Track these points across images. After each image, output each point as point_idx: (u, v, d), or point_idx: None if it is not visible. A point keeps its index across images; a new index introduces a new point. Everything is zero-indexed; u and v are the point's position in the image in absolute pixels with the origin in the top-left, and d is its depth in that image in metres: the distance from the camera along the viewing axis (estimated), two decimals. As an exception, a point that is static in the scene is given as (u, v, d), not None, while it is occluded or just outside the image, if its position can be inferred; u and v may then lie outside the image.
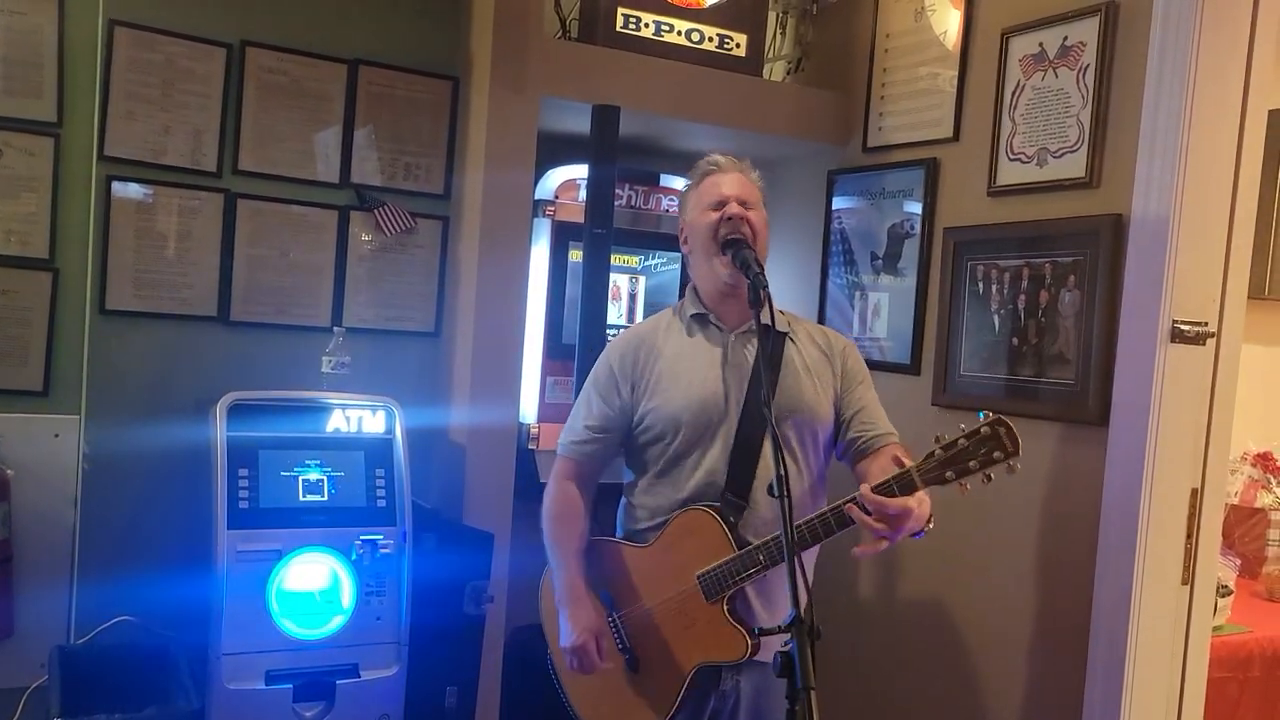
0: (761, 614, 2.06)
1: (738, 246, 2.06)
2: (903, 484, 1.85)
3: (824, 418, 2.14)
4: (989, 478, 1.84)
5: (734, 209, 2.10)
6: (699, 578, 2.03)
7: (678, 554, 2.07)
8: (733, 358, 2.13)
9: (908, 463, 1.88)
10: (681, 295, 3.26)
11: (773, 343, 2.08)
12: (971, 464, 1.82)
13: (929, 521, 1.90)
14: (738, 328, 2.15)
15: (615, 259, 3.01)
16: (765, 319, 1.95)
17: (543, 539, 2.24)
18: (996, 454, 1.82)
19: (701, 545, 2.04)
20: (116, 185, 2.81)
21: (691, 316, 2.19)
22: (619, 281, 3.24)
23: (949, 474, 1.83)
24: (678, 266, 3.32)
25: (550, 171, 3.13)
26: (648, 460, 2.17)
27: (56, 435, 2.79)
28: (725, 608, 2.02)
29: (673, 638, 2.08)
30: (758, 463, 2.07)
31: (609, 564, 2.19)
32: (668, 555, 2.09)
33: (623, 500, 2.27)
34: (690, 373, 2.13)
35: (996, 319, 2.74)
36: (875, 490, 1.85)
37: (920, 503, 1.86)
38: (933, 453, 1.85)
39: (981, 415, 1.85)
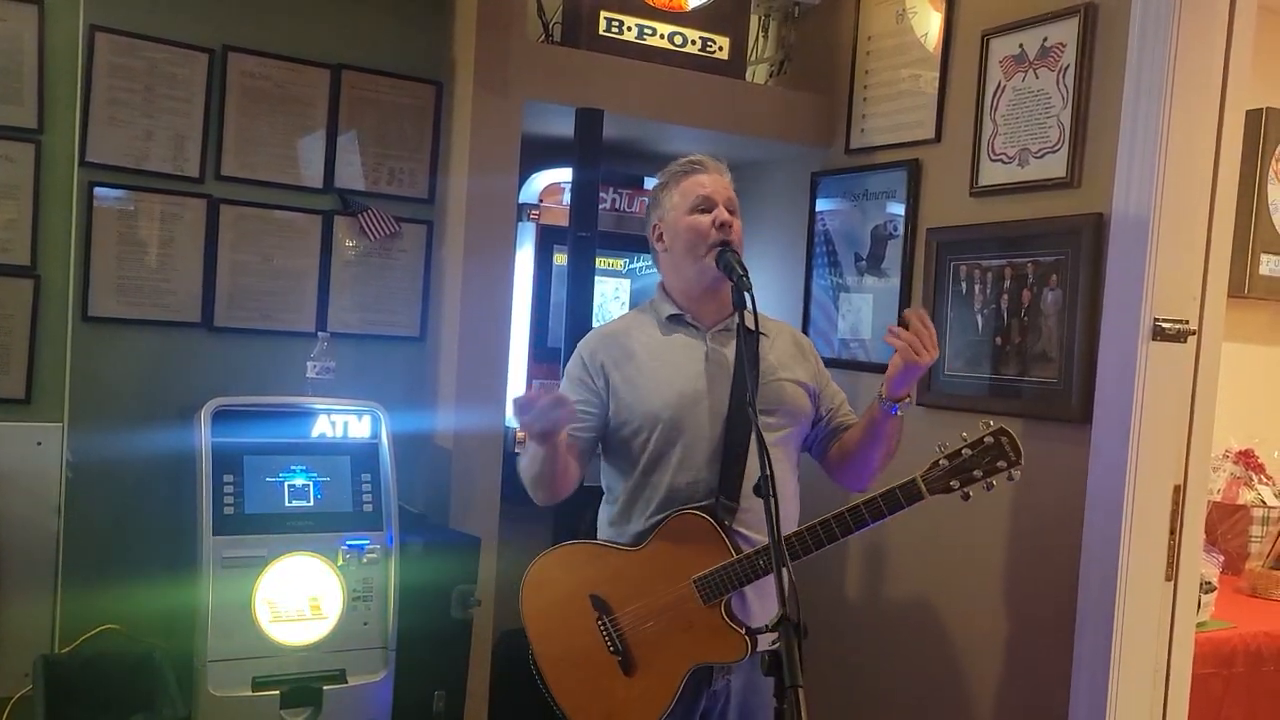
0: (757, 612, 2.07)
1: (724, 249, 2.08)
2: (908, 494, 1.90)
3: (805, 411, 2.20)
4: (990, 485, 1.89)
5: (724, 215, 2.11)
6: (695, 581, 2.03)
7: (672, 557, 2.07)
8: (713, 355, 2.15)
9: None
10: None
11: (752, 342, 2.09)
12: (976, 473, 1.88)
13: (908, 398, 2.05)
14: (714, 326, 2.17)
15: (600, 262, 3.01)
16: (748, 322, 1.97)
17: (525, 487, 2.16)
18: (1000, 463, 1.87)
19: (697, 548, 2.04)
20: (98, 191, 2.80)
21: (668, 317, 2.19)
22: (604, 285, 3.25)
23: (954, 483, 1.88)
24: (663, 269, 3.32)
25: (534, 175, 3.13)
26: (631, 457, 2.15)
27: (39, 443, 2.77)
28: (724, 610, 2.03)
29: (669, 640, 2.07)
30: (745, 463, 2.07)
31: (600, 567, 2.17)
32: (662, 558, 2.08)
33: (603, 513, 2.25)
34: (670, 368, 2.14)
35: (980, 318, 2.76)
36: (883, 499, 1.91)
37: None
38: (937, 462, 1.88)
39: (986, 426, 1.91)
